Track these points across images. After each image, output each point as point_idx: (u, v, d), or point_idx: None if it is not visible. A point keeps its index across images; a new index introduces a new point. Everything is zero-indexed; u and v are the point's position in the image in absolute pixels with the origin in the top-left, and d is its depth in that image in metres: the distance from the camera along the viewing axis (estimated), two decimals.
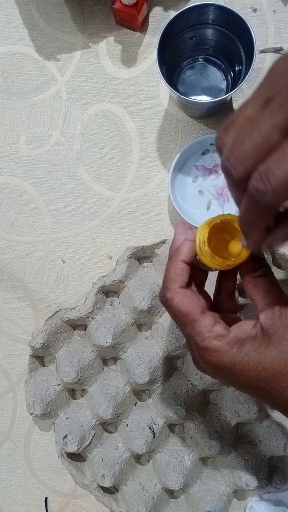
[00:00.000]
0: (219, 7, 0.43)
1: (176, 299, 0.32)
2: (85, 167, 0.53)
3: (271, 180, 0.23)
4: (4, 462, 0.54)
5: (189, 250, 0.33)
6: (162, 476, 0.49)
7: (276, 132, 0.23)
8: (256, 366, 0.30)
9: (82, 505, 0.53)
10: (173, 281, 0.33)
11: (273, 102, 0.23)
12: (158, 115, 0.53)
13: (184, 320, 0.32)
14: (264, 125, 0.23)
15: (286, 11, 0.51)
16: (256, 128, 0.24)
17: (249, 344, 0.30)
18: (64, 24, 0.53)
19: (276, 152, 0.23)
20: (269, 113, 0.23)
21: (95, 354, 0.50)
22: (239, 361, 0.30)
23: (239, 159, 0.24)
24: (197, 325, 0.31)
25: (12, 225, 0.54)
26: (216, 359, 0.31)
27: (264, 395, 0.31)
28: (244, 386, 0.32)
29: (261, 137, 0.23)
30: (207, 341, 0.31)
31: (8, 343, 0.54)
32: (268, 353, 0.30)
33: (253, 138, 0.23)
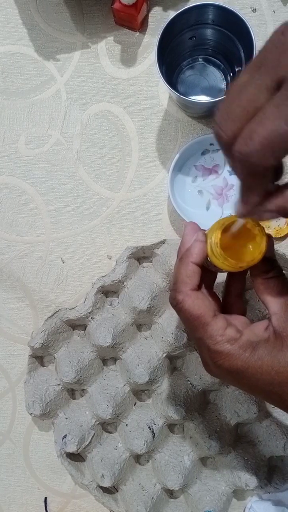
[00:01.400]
0: (219, 7, 0.43)
1: (187, 302, 0.31)
2: (84, 167, 0.53)
3: (255, 140, 0.23)
4: (3, 462, 0.54)
5: (200, 252, 0.32)
6: (162, 476, 0.49)
7: (262, 92, 0.23)
8: (270, 370, 0.29)
9: (82, 505, 0.53)
10: (184, 283, 0.32)
11: (261, 67, 0.23)
12: (157, 115, 0.53)
13: (196, 323, 0.31)
14: (251, 87, 0.23)
15: (285, 11, 0.51)
16: (244, 91, 0.24)
17: (262, 347, 0.30)
18: (64, 24, 0.53)
19: (260, 112, 0.23)
20: (257, 76, 0.23)
21: (94, 354, 0.50)
22: (252, 365, 0.30)
23: (227, 121, 0.24)
24: (209, 328, 0.31)
25: (11, 225, 0.54)
26: (229, 363, 0.30)
27: (276, 399, 0.30)
28: (256, 390, 0.31)
29: (247, 98, 0.23)
30: (219, 344, 0.30)
31: (8, 343, 0.54)
32: (281, 357, 0.29)
33: (241, 101, 0.24)
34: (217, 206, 0.51)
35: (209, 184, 0.51)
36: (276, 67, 0.23)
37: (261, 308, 0.50)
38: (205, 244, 0.32)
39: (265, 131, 0.22)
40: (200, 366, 0.49)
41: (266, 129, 0.22)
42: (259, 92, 0.23)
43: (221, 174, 0.51)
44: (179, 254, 0.34)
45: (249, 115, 0.23)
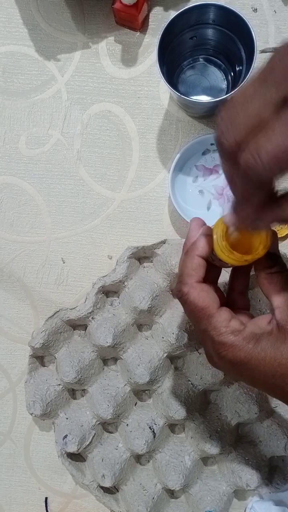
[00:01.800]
0: (220, 7, 0.43)
1: (192, 294, 0.32)
2: (85, 167, 0.53)
3: (262, 156, 0.23)
4: (4, 462, 0.54)
5: (206, 245, 0.33)
6: (163, 476, 0.49)
7: (268, 106, 0.24)
8: (272, 362, 0.30)
9: (82, 505, 0.53)
10: (190, 275, 0.33)
11: (268, 81, 0.24)
12: (158, 115, 0.53)
13: (200, 315, 0.32)
14: (257, 100, 0.24)
15: (286, 11, 0.51)
16: (250, 103, 0.24)
17: (265, 339, 0.30)
18: (64, 24, 0.53)
19: (268, 128, 0.23)
20: (264, 90, 0.24)
21: (95, 354, 0.50)
22: (255, 356, 0.30)
23: (231, 130, 0.25)
24: (213, 320, 0.31)
25: (12, 225, 0.54)
26: (232, 354, 0.31)
27: (279, 391, 0.31)
28: (258, 382, 0.31)
29: (253, 110, 0.24)
30: (223, 336, 0.31)
31: (8, 343, 0.54)
32: (284, 349, 0.30)
33: (247, 112, 0.24)
34: (218, 206, 0.51)
35: (210, 184, 0.51)
36: (282, 82, 0.23)
37: (262, 308, 0.50)
38: (211, 238, 0.33)
39: (274, 148, 0.23)
40: (201, 366, 0.49)
41: (274, 145, 0.23)
42: (265, 105, 0.24)
43: (222, 174, 0.51)
44: (185, 248, 0.34)
45: (253, 127, 0.24)
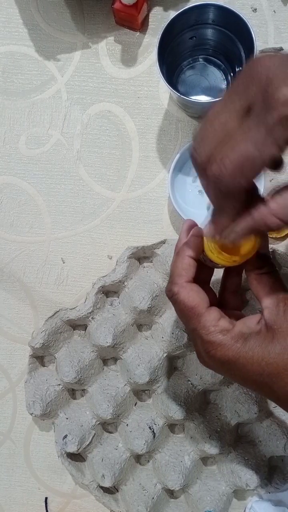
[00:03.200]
0: (219, 7, 0.43)
1: (182, 293, 0.32)
2: (85, 167, 0.53)
3: (226, 164, 0.24)
4: (4, 462, 0.54)
5: (196, 246, 0.33)
6: (162, 476, 0.49)
7: (232, 118, 0.25)
8: (260, 361, 0.30)
9: (82, 505, 0.53)
10: (180, 275, 0.33)
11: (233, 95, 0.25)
12: (158, 115, 0.53)
13: (190, 314, 0.32)
14: (223, 114, 0.25)
15: (286, 11, 0.51)
16: (217, 118, 0.25)
17: (253, 339, 0.31)
18: (64, 24, 0.53)
19: (231, 138, 0.25)
20: (229, 103, 0.25)
21: (95, 354, 0.50)
22: (243, 355, 0.30)
23: (201, 146, 0.26)
24: (202, 319, 0.32)
25: (12, 225, 0.54)
26: (221, 353, 0.31)
27: (267, 390, 0.31)
28: (247, 381, 0.32)
29: (220, 125, 0.25)
30: (212, 335, 0.31)
31: (8, 343, 0.54)
32: (272, 348, 0.30)
33: (213, 126, 0.26)
34: None
35: None
36: (244, 94, 0.24)
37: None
38: (201, 239, 0.33)
39: (235, 155, 0.24)
40: (200, 366, 0.49)
41: (236, 153, 0.24)
42: (229, 117, 0.25)
43: None
44: (176, 249, 0.35)
45: (220, 139, 0.25)
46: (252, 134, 0.24)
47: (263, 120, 0.23)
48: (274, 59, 0.24)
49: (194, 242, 0.34)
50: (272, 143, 0.24)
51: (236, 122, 0.25)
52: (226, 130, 0.25)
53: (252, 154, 0.24)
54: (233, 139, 0.25)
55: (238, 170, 0.25)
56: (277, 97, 0.23)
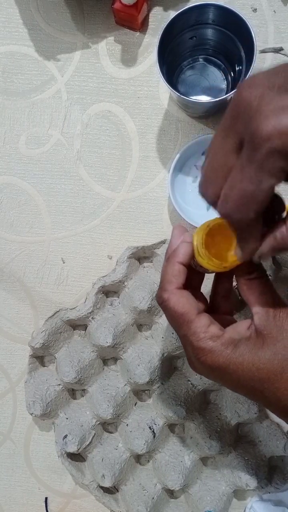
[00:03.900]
0: (219, 7, 0.43)
1: (172, 300, 0.32)
2: (85, 167, 0.53)
3: (230, 203, 0.26)
4: (4, 462, 0.54)
5: (186, 252, 0.33)
6: (162, 476, 0.49)
7: (229, 156, 0.26)
8: (250, 367, 0.30)
9: (82, 505, 0.53)
10: (170, 282, 0.33)
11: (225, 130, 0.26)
12: (158, 115, 0.53)
13: (180, 321, 0.32)
14: (220, 152, 0.26)
15: (286, 11, 0.51)
16: (216, 157, 0.27)
17: (243, 345, 0.31)
18: (64, 24, 0.53)
19: (230, 177, 0.26)
20: (224, 141, 0.26)
21: (95, 354, 0.50)
22: (233, 361, 0.31)
23: (208, 187, 0.28)
24: (192, 326, 0.32)
25: (12, 225, 0.54)
26: (211, 360, 0.31)
27: (258, 395, 0.31)
28: (238, 387, 0.32)
29: (219, 163, 0.26)
30: (202, 341, 0.31)
31: (8, 343, 0.54)
32: (262, 354, 0.30)
33: (214, 167, 0.27)
34: None
35: None
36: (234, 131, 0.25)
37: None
38: (191, 245, 0.33)
39: (236, 194, 0.25)
40: None
41: (236, 192, 0.25)
42: (226, 156, 0.26)
43: None
44: (167, 255, 0.35)
45: (223, 177, 0.26)
46: (246, 171, 0.25)
47: (253, 156, 0.24)
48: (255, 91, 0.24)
49: (184, 248, 0.33)
50: (267, 176, 0.24)
51: (233, 159, 0.26)
52: (226, 168, 0.26)
53: (251, 190, 0.25)
54: (232, 177, 0.26)
55: (242, 207, 0.26)
56: (260, 135, 0.23)
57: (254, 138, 0.23)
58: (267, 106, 0.23)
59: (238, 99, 0.25)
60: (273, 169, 0.24)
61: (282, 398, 0.30)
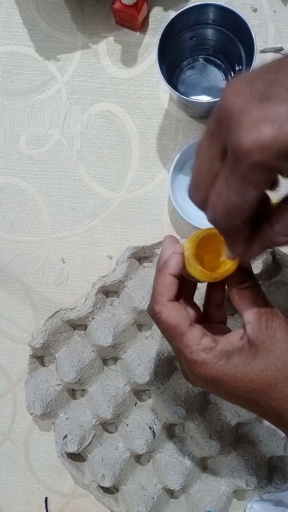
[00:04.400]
0: (219, 7, 0.43)
1: (164, 313, 0.32)
2: (85, 167, 0.53)
3: (217, 211, 0.26)
4: (4, 462, 0.54)
5: (177, 263, 0.33)
6: (162, 476, 0.49)
7: (214, 162, 0.26)
8: (244, 378, 0.30)
9: (82, 505, 0.53)
10: (162, 294, 0.33)
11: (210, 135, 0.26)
12: (158, 115, 0.53)
13: (173, 333, 0.32)
14: (206, 159, 0.26)
15: (286, 11, 0.51)
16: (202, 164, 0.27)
17: (236, 356, 0.31)
18: (64, 24, 0.53)
19: (216, 185, 0.26)
20: (209, 147, 0.26)
21: (95, 354, 0.50)
22: (227, 373, 0.30)
23: (196, 192, 0.28)
24: (185, 338, 0.32)
25: (12, 225, 0.54)
26: (204, 372, 0.31)
27: (253, 406, 0.31)
28: (233, 398, 0.32)
29: (205, 170, 0.26)
30: (195, 354, 0.31)
31: (8, 343, 0.54)
32: (255, 365, 0.30)
33: (201, 172, 0.27)
34: None
35: None
36: (219, 138, 0.25)
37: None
38: (182, 256, 0.33)
39: (222, 204, 0.26)
40: None
41: (222, 202, 0.26)
42: (212, 162, 0.26)
43: None
44: (158, 265, 0.35)
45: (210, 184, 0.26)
46: (230, 182, 0.25)
47: (235, 169, 0.24)
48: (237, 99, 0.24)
49: (174, 260, 0.33)
50: (250, 188, 0.24)
51: (218, 165, 0.26)
52: (212, 174, 0.26)
53: (236, 201, 0.25)
54: (218, 186, 0.26)
55: (229, 217, 0.26)
56: (240, 149, 0.23)
57: (235, 152, 0.23)
58: (247, 117, 0.23)
59: (221, 107, 0.24)
60: (256, 181, 0.24)
61: (277, 408, 0.30)
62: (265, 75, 0.24)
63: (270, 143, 0.22)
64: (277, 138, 0.22)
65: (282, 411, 0.30)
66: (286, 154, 0.22)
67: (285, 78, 0.23)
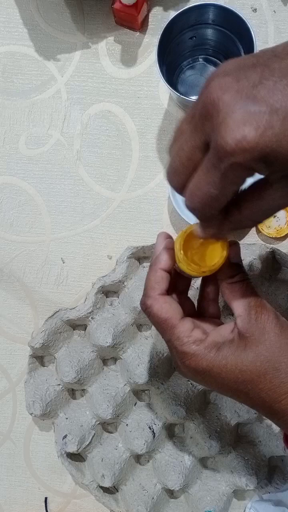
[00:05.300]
0: (219, 7, 0.43)
1: (155, 306, 0.33)
2: (85, 167, 0.53)
3: (195, 200, 0.27)
4: (4, 462, 0.54)
5: (168, 258, 0.34)
6: (162, 476, 0.49)
7: (195, 152, 0.26)
8: (234, 369, 0.31)
9: (82, 505, 0.53)
10: (153, 288, 0.34)
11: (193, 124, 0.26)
12: (158, 115, 0.53)
13: (164, 326, 0.33)
14: (187, 147, 0.27)
15: (286, 11, 0.51)
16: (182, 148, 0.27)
17: (226, 347, 0.31)
18: (64, 24, 0.53)
19: (196, 175, 0.26)
20: (191, 136, 0.26)
21: (95, 354, 0.50)
22: (217, 364, 0.31)
23: (173, 175, 0.28)
24: (176, 331, 0.32)
25: (11, 225, 0.54)
26: (195, 363, 0.32)
27: (243, 397, 0.32)
28: (223, 389, 0.32)
29: (185, 157, 0.27)
30: (186, 345, 0.32)
31: (8, 343, 0.54)
32: (245, 356, 0.31)
33: (180, 158, 0.27)
34: None
35: None
36: (201, 130, 0.25)
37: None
38: (172, 251, 0.34)
39: (201, 194, 0.27)
40: None
41: (201, 192, 0.26)
42: (193, 151, 0.26)
43: None
44: (151, 261, 0.36)
45: (189, 169, 0.27)
46: (210, 176, 0.25)
47: (217, 164, 0.25)
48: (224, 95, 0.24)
49: (165, 255, 0.34)
50: (230, 183, 0.25)
51: (200, 156, 0.26)
52: (192, 163, 0.27)
53: (214, 194, 0.26)
54: (197, 177, 0.26)
55: (206, 206, 0.27)
56: (223, 148, 0.24)
57: (218, 150, 0.24)
58: (232, 116, 0.23)
59: (207, 99, 0.24)
60: (236, 178, 0.25)
61: (266, 399, 0.30)
62: (252, 72, 0.24)
63: (253, 147, 0.23)
64: (259, 142, 0.23)
65: (272, 401, 0.30)
66: (264, 158, 0.23)
67: (271, 78, 0.24)
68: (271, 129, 0.23)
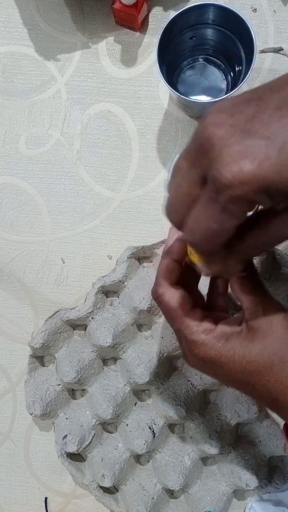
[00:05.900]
0: (219, 7, 0.43)
1: (167, 295, 0.34)
2: (85, 167, 0.53)
3: (196, 235, 0.27)
4: (3, 462, 0.54)
5: (180, 249, 0.35)
6: (162, 476, 0.49)
7: (193, 187, 0.26)
8: (241, 360, 0.31)
9: (82, 505, 0.53)
10: (165, 278, 0.35)
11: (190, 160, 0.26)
12: (158, 115, 0.53)
13: (174, 315, 0.34)
14: (185, 180, 0.27)
15: (286, 11, 0.51)
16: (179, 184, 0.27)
17: (234, 338, 0.32)
18: (64, 24, 0.53)
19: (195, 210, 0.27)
20: (188, 172, 0.26)
21: (95, 354, 0.50)
22: (225, 354, 0.32)
23: (173, 213, 0.29)
24: (186, 320, 0.33)
25: (11, 225, 0.54)
26: (203, 352, 0.32)
27: (249, 388, 0.32)
28: (230, 380, 0.33)
29: (183, 194, 0.27)
30: (195, 334, 0.33)
31: (8, 343, 0.54)
32: (252, 347, 0.31)
33: (179, 196, 0.27)
34: None
35: None
36: (199, 165, 0.26)
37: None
38: (185, 243, 0.35)
39: (201, 229, 0.27)
40: None
41: (201, 227, 0.26)
42: (191, 187, 0.26)
43: None
44: (163, 252, 0.37)
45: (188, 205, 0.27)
46: (210, 210, 0.25)
47: (215, 198, 0.24)
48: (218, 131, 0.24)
49: (177, 246, 0.35)
50: (229, 217, 0.25)
51: (197, 190, 0.26)
52: (190, 198, 0.27)
53: (215, 229, 0.26)
54: (197, 212, 0.26)
55: (207, 240, 0.27)
56: (221, 182, 0.23)
57: (216, 183, 0.24)
58: (228, 151, 0.23)
59: (202, 135, 0.25)
60: (236, 212, 0.25)
61: (272, 391, 0.31)
62: (246, 107, 0.24)
63: (250, 179, 0.23)
64: (257, 174, 0.23)
65: (278, 393, 0.31)
66: (265, 190, 0.23)
67: (266, 111, 0.24)
68: (268, 160, 0.23)
